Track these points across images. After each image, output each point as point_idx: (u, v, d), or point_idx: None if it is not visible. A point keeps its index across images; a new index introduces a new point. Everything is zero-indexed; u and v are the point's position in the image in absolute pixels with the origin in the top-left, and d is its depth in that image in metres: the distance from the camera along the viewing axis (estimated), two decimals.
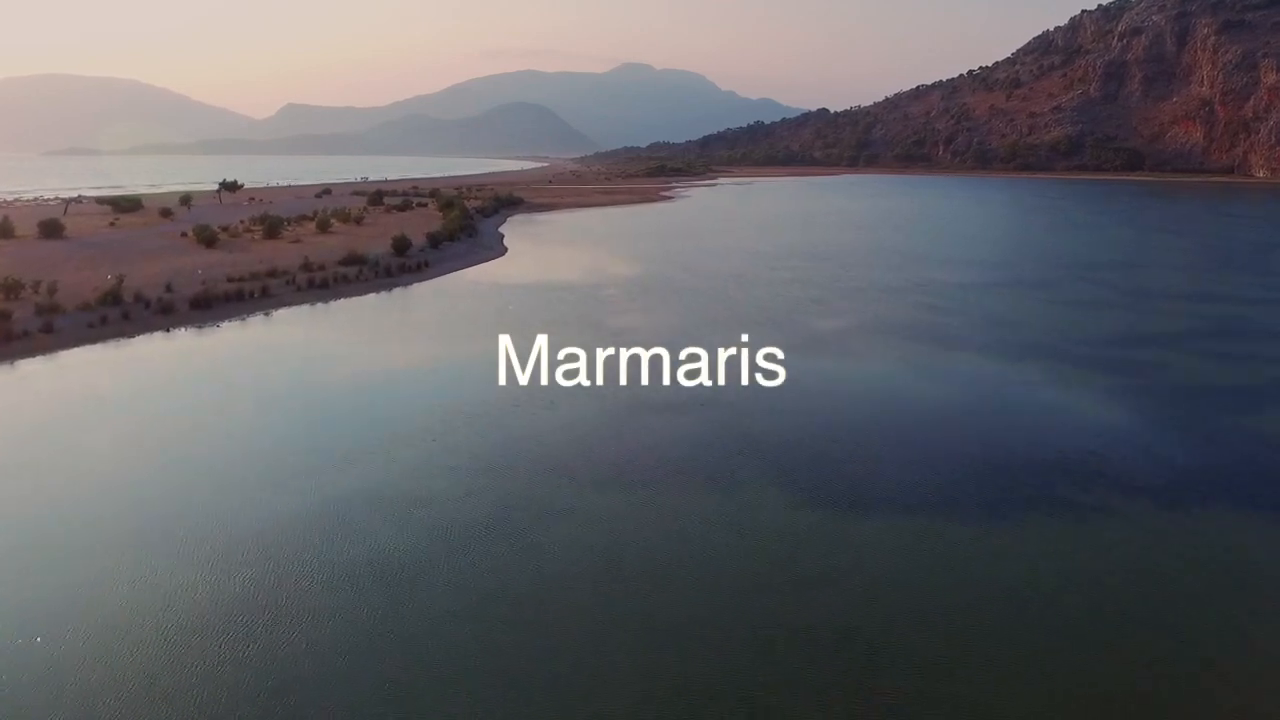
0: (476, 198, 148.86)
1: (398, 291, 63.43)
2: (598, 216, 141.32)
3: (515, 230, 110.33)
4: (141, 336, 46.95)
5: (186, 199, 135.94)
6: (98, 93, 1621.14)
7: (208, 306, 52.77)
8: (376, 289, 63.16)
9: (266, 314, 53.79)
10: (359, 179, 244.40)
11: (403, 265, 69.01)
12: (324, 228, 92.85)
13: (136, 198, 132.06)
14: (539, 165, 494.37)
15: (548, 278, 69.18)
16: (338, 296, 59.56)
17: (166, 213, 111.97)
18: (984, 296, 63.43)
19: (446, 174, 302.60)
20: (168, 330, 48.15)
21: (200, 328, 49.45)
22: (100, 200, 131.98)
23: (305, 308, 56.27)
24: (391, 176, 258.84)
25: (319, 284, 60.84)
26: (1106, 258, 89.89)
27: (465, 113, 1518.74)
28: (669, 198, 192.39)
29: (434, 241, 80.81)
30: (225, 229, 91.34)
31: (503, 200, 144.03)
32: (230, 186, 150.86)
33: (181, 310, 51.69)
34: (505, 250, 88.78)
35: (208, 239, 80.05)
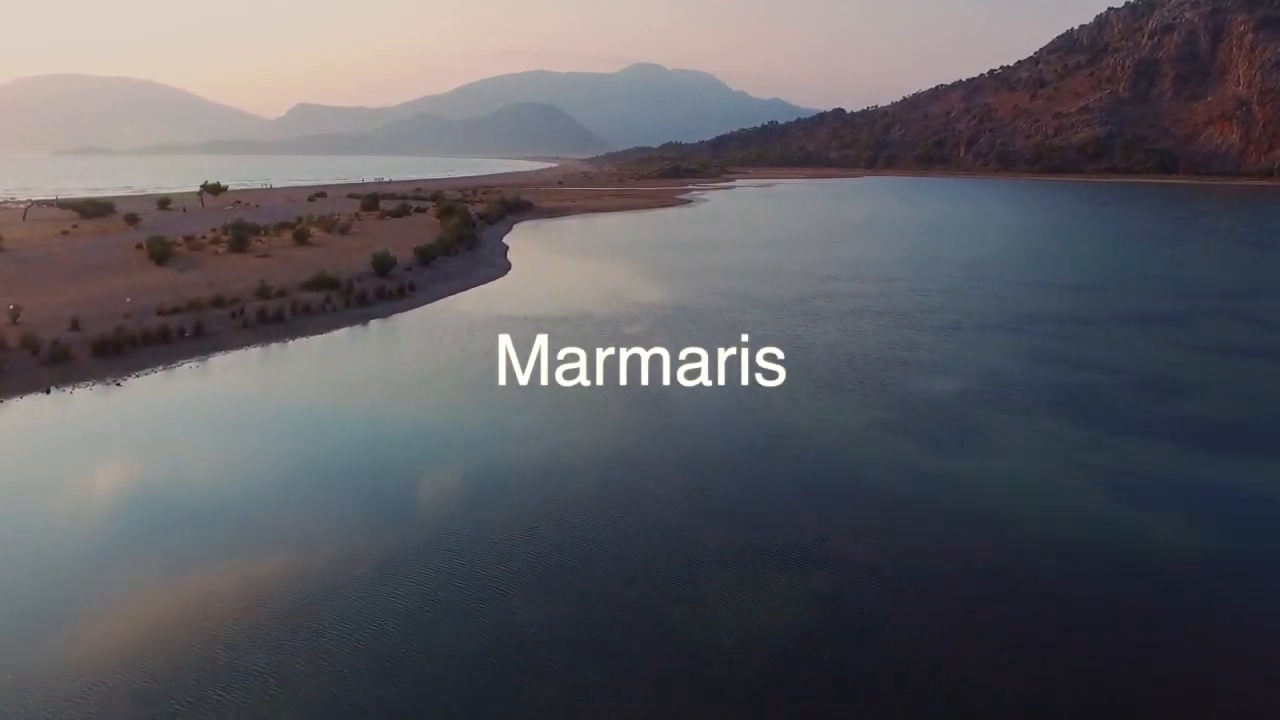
0: (482, 201, 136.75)
1: (374, 325, 51.15)
2: (612, 223, 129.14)
3: (522, 240, 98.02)
4: (11, 400, 34.69)
5: (164, 201, 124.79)
6: (109, 92, 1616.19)
7: (118, 353, 40.50)
8: (348, 322, 50.87)
9: (199, 362, 41.53)
10: (374, 179, 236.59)
11: (382, 290, 56.70)
12: (302, 239, 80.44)
13: (108, 201, 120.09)
14: (549, 166, 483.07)
15: (557, 306, 56.57)
16: (296, 334, 47.24)
17: (132, 219, 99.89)
18: (1113, 339, 49.91)
19: (456, 175, 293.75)
20: (48, 390, 35.84)
21: (101, 384, 37.19)
22: (63, 204, 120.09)
23: (253, 351, 44.10)
24: (408, 177, 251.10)
25: (273, 317, 48.45)
26: (1220, 281, 76.21)
27: (475, 113, 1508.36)
28: (687, 201, 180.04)
29: (424, 258, 68.47)
30: (188, 239, 79.60)
31: (509, 204, 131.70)
32: (214, 189, 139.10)
33: (81, 358, 39.40)
34: (509, 267, 76.46)
35: (159, 253, 67.74)
